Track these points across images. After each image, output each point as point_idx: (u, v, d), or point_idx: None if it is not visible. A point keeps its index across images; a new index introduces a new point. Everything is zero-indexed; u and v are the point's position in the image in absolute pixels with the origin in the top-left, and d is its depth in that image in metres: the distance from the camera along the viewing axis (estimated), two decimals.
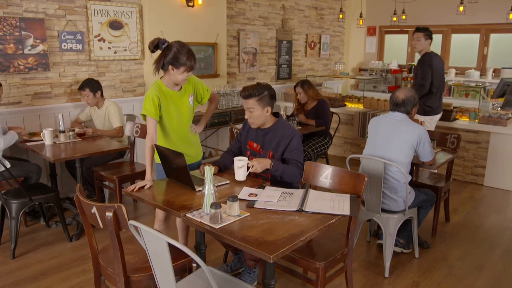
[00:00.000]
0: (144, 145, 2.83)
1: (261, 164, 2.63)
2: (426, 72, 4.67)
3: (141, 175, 4.21)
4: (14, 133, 3.66)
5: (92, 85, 4.20)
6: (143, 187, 2.57)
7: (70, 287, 2.99)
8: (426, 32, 4.76)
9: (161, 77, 2.82)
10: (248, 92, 2.70)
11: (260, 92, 2.70)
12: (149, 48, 2.70)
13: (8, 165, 3.51)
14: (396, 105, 3.14)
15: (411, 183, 3.22)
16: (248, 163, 2.62)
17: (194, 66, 2.70)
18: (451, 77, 7.19)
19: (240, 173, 2.63)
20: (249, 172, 2.64)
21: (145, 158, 2.77)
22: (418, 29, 4.80)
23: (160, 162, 2.86)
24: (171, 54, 2.65)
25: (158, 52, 2.72)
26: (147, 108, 2.72)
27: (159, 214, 2.95)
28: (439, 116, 4.93)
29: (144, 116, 2.78)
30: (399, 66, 8.15)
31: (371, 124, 3.32)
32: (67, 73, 4.47)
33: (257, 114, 2.74)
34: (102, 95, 4.32)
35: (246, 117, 2.80)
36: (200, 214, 2.17)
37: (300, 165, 2.75)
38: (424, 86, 4.69)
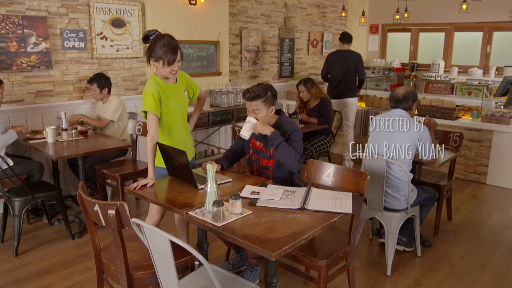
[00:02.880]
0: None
1: (263, 127, 2.69)
2: (324, 65, 5.94)
3: (144, 173, 4.21)
4: (13, 132, 3.66)
5: (100, 81, 4.24)
6: (145, 185, 2.57)
7: (73, 285, 3.00)
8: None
9: (155, 72, 2.77)
10: (254, 94, 2.68)
11: (265, 93, 2.71)
12: (142, 39, 2.73)
13: (11, 163, 3.52)
14: (396, 101, 3.15)
15: (413, 182, 3.21)
16: (254, 123, 2.71)
17: (172, 60, 2.60)
18: (453, 75, 7.16)
19: (244, 128, 2.72)
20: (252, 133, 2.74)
21: (147, 156, 2.73)
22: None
23: (159, 165, 2.80)
24: (151, 48, 2.62)
25: None
26: (148, 104, 2.65)
27: (156, 216, 2.86)
28: (333, 101, 5.66)
29: (145, 114, 2.70)
30: (402, 64, 8.11)
31: (373, 123, 3.32)
32: (69, 71, 4.48)
33: (263, 115, 2.75)
34: (109, 92, 4.33)
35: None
36: (203, 212, 2.17)
37: (299, 153, 2.72)
38: (321, 75, 6.03)
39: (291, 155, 2.66)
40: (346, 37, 5.82)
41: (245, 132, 2.74)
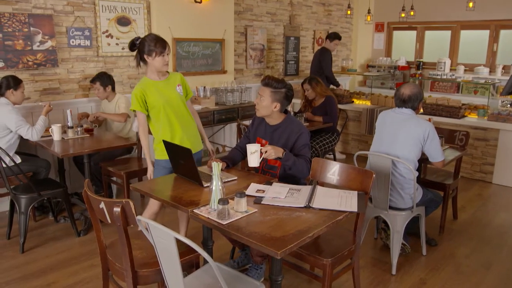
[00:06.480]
0: (149, 140, 3.02)
1: (275, 151, 2.62)
2: None
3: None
4: (44, 118, 3.73)
5: (103, 79, 4.25)
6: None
7: (78, 282, 3.01)
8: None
9: (146, 73, 3.05)
10: (268, 81, 2.78)
11: (278, 86, 2.76)
12: (129, 48, 2.98)
13: (18, 160, 3.54)
14: (402, 102, 3.11)
15: (418, 181, 3.20)
16: (261, 149, 2.60)
17: (163, 49, 2.90)
18: (459, 73, 7.13)
19: (253, 159, 2.59)
20: (262, 158, 2.61)
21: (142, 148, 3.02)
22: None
23: (159, 158, 3.02)
24: (142, 46, 2.91)
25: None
26: (133, 103, 2.97)
27: (154, 206, 3.07)
28: None
29: (135, 112, 3.04)
30: (407, 62, 8.10)
31: (379, 119, 3.31)
32: (75, 69, 4.49)
33: (264, 104, 2.77)
34: (113, 89, 4.34)
35: (255, 101, 2.85)
36: (208, 210, 2.17)
37: (309, 161, 2.76)
38: None
39: (303, 167, 2.72)
40: (327, 36, 6.37)
41: (255, 163, 2.60)
